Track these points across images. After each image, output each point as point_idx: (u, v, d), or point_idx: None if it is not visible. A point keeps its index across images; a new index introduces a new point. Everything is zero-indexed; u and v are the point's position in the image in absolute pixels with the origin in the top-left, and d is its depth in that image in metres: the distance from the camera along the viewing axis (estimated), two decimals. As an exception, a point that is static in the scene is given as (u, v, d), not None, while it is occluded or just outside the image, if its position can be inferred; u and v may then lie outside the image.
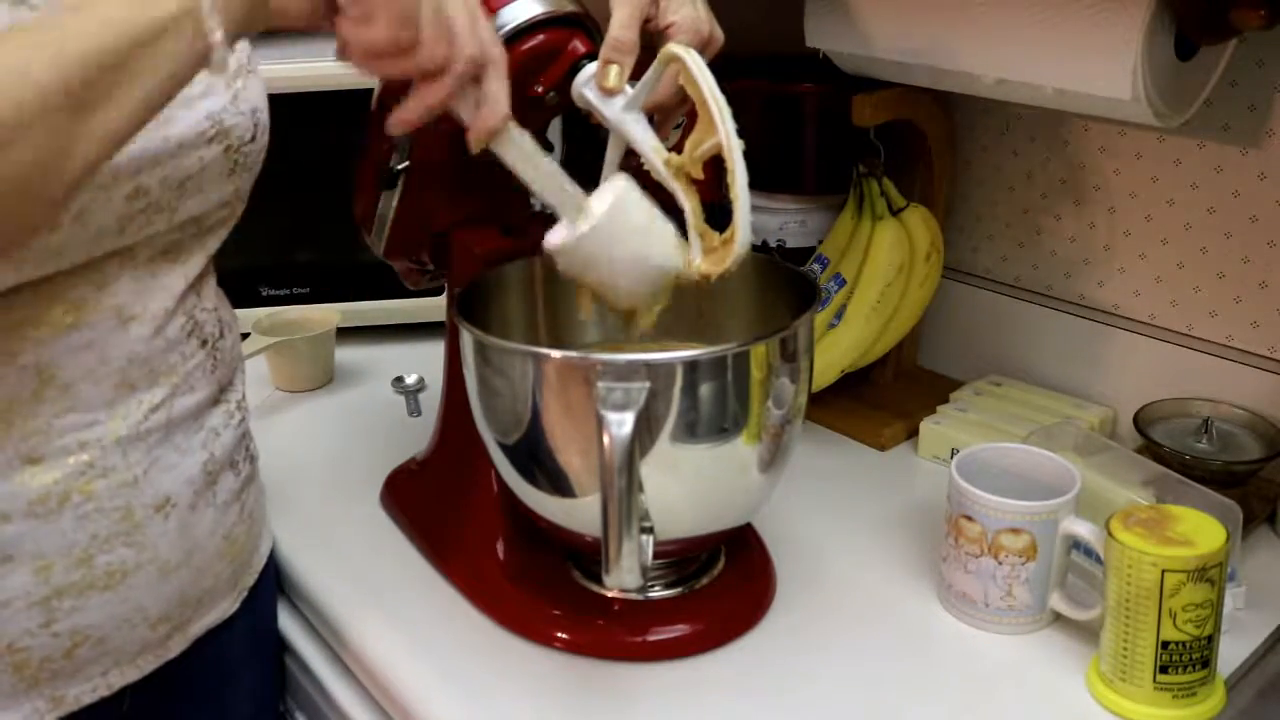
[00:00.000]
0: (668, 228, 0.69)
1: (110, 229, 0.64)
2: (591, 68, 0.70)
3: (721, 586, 0.80)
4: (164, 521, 0.70)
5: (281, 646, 0.89)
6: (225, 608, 0.78)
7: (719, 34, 0.73)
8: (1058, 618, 0.77)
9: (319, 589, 0.85)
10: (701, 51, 0.69)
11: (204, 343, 0.72)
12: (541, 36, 0.72)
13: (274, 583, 0.88)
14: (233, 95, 0.70)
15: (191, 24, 0.55)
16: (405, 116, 0.63)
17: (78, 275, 0.64)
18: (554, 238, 0.69)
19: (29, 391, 0.63)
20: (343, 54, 0.61)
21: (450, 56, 0.60)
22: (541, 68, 0.73)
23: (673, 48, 0.67)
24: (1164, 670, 0.68)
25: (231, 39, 0.56)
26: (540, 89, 0.73)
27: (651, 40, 0.71)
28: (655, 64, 0.68)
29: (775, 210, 1.06)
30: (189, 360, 0.71)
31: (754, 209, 0.67)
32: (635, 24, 0.69)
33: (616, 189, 0.68)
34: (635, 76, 0.69)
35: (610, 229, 0.67)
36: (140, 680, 0.73)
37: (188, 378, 0.71)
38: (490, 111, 0.63)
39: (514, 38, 0.71)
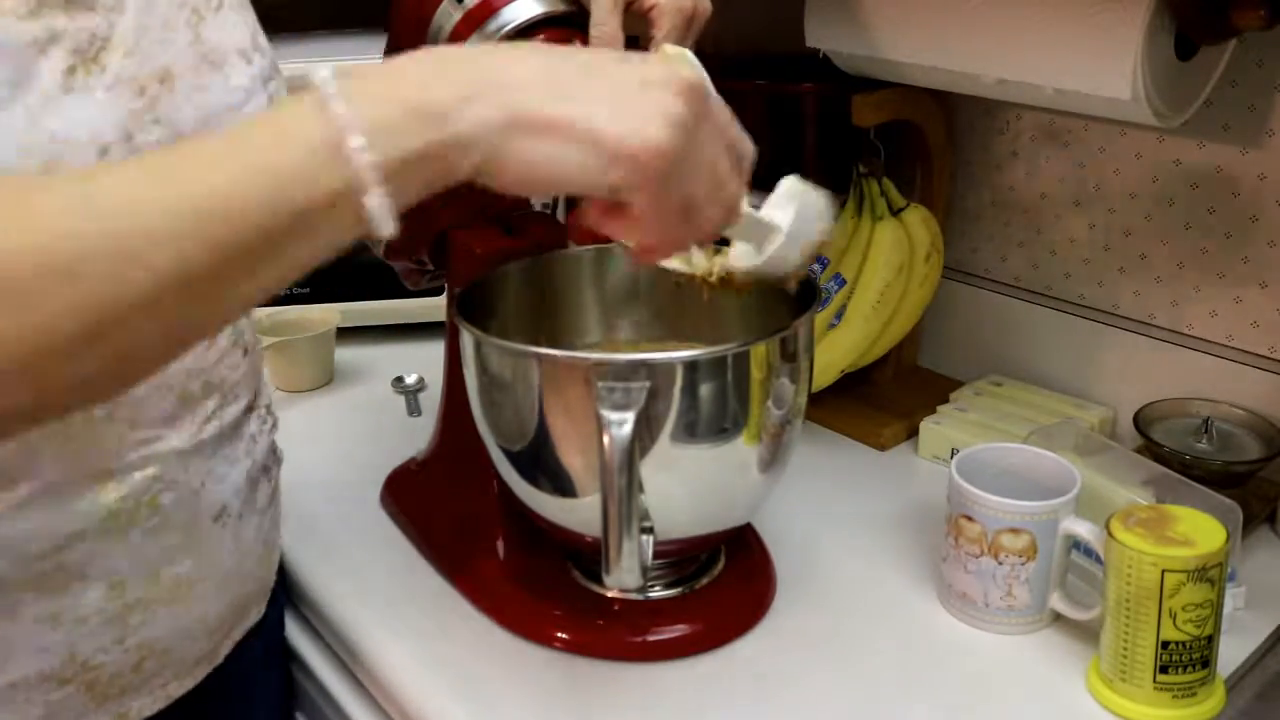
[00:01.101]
0: (820, 198, 0.67)
1: None
2: (590, 67, 0.70)
3: (721, 586, 0.80)
4: (221, 531, 0.70)
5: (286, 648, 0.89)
6: (257, 612, 0.79)
7: (705, 4, 0.72)
8: (1058, 618, 0.77)
9: (318, 589, 0.85)
10: (689, 25, 0.69)
11: (245, 351, 0.72)
12: (541, 37, 0.72)
13: (282, 584, 0.88)
14: (268, 98, 0.70)
15: (350, 210, 0.45)
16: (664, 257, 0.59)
17: None
18: (741, 261, 0.67)
19: (103, 410, 0.62)
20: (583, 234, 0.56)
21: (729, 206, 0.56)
22: (541, 68, 0.73)
23: (669, 49, 0.67)
24: (1164, 670, 0.68)
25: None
26: (540, 89, 0.73)
27: (640, 19, 0.70)
28: None
29: (775, 210, 1.06)
30: (236, 370, 0.71)
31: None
32: (617, 10, 0.69)
33: (793, 193, 0.66)
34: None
35: (793, 234, 0.66)
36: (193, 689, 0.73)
37: (234, 387, 0.71)
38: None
39: (514, 38, 0.71)
